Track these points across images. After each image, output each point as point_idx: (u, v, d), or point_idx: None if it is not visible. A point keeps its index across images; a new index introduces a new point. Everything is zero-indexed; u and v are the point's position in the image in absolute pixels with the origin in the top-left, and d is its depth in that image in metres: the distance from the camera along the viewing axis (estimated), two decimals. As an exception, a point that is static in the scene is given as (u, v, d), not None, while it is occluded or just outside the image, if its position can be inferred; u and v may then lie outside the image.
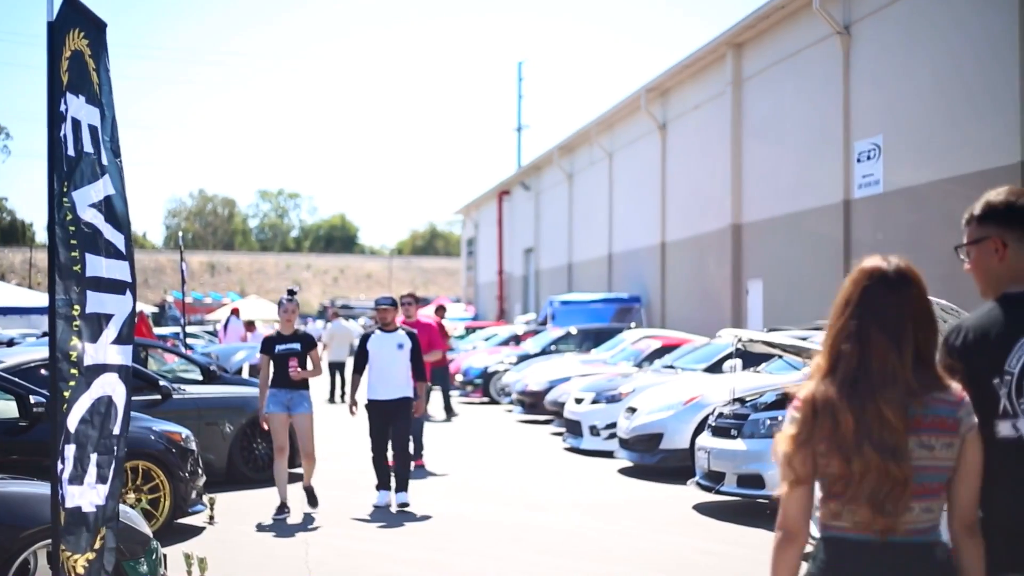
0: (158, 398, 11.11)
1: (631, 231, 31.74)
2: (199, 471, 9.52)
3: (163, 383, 11.42)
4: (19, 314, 22.59)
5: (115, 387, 4.65)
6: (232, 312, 30.16)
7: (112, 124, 4.81)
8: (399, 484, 10.51)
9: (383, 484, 10.65)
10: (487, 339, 29.62)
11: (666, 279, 28.68)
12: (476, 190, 59.77)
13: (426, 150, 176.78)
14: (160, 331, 30.12)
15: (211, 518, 9.75)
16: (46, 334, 4.55)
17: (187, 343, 20.19)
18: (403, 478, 10.53)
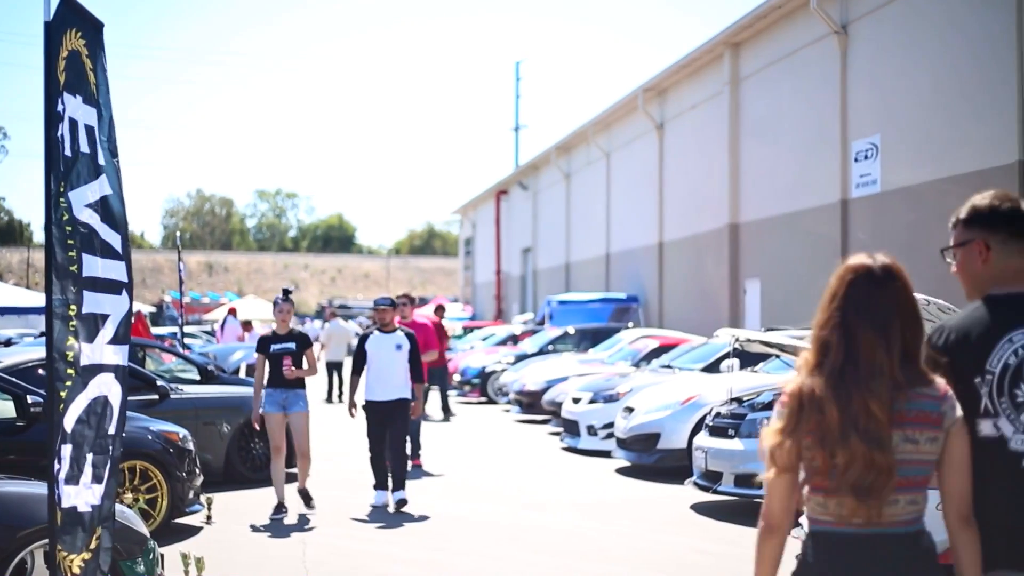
0: (156, 398, 11.11)
1: (629, 231, 31.75)
2: (196, 471, 9.52)
3: (160, 383, 11.42)
4: (16, 314, 22.59)
5: (111, 387, 4.66)
6: (229, 312, 30.11)
7: (109, 124, 4.80)
8: (396, 483, 10.50)
9: (381, 484, 10.65)
10: (485, 339, 29.62)
11: (664, 279, 28.69)
12: (474, 190, 59.79)
13: (424, 150, 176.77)
14: (158, 331, 30.07)
15: (208, 518, 9.75)
16: (43, 334, 4.54)
17: (185, 343, 20.19)
18: (399, 477, 10.52)
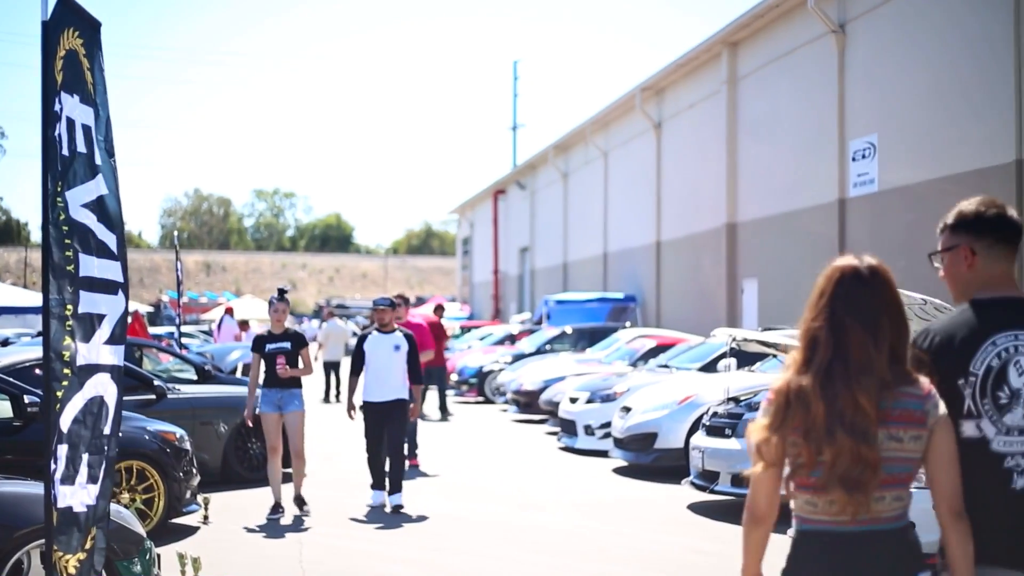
0: (153, 398, 11.10)
1: (626, 230, 31.75)
2: (193, 471, 9.52)
3: (158, 383, 11.41)
4: (14, 314, 22.58)
5: (107, 387, 4.65)
6: (226, 311, 30.10)
7: (106, 124, 4.79)
8: (393, 486, 10.45)
9: (378, 484, 10.63)
10: (482, 338, 29.61)
11: (661, 278, 28.70)
12: (471, 189, 59.89)
13: (421, 149, 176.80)
14: (155, 331, 30.05)
15: (205, 518, 9.74)
16: (41, 334, 4.54)
17: (182, 343, 20.17)
18: (397, 480, 10.48)
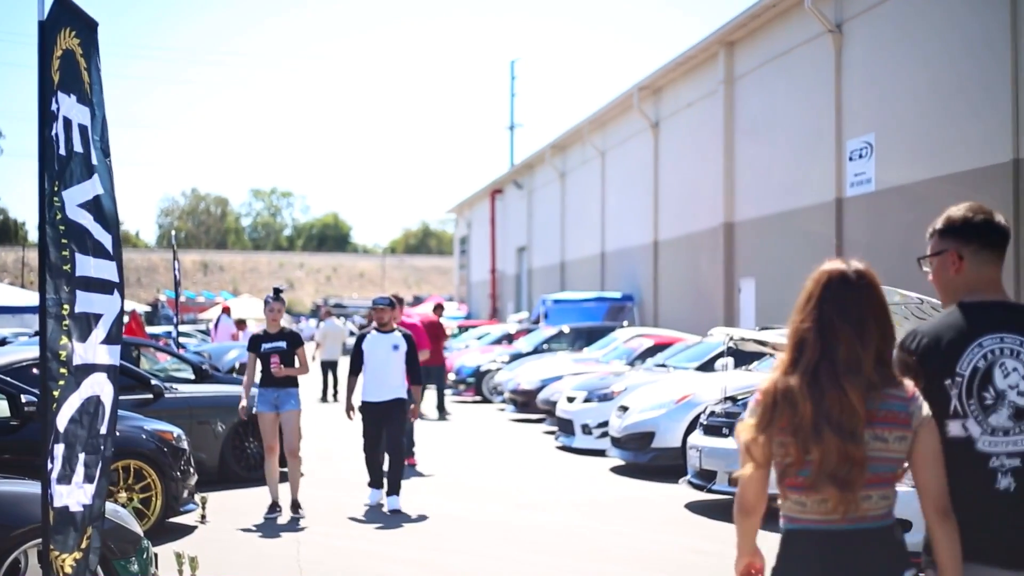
0: (150, 397, 11.09)
1: (624, 230, 31.76)
2: (191, 470, 9.52)
3: (155, 382, 11.41)
4: (11, 313, 22.60)
5: (103, 387, 4.65)
6: (223, 310, 30.08)
7: (102, 123, 4.79)
8: (391, 487, 10.40)
9: (375, 482, 10.62)
10: (480, 338, 29.62)
11: (658, 278, 28.71)
12: (469, 189, 59.95)
13: (419, 149, 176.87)
14: (153, 330, 30.03)
15: (203, 517, 9.74)
16: (38, 333, 4.53)
17: (180, 342, 20.16)
18: (395, 482, 10.41)
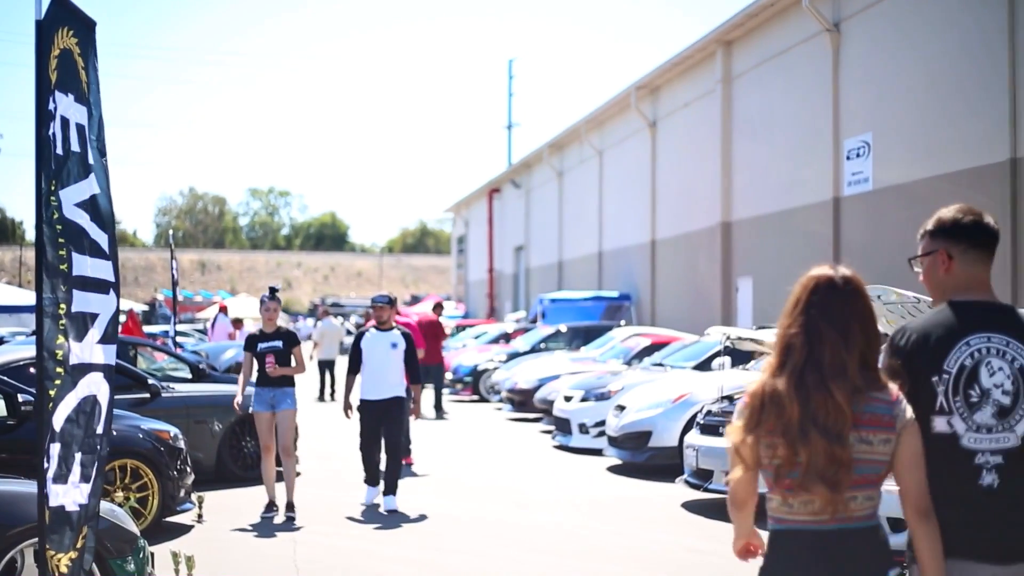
0: (147, 396, 11.09)
1: (621, 229, 31.76)
2: (188, 469, 9.51)
3: (152, 381, 11.40)
4: (9, 312, 22.57)
5: (100, 386, 4.65)
6: (220, 310, 30.04)
7: (99, 123, 4.79)
8: (388, 487, 10.37)
9: (372, 480, 10.60)
10: (477, 337, 29.61)
11: (656, 277, 28.71)
12: (466, 188, 59.88)
13: (416, 148, 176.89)
14: (150, 329, 30.03)
15: (199, 516, 9.73)
16: (35, 332, 4.53)
17: (177, 341, 20.16)
18: (392, 481, 10.38)
